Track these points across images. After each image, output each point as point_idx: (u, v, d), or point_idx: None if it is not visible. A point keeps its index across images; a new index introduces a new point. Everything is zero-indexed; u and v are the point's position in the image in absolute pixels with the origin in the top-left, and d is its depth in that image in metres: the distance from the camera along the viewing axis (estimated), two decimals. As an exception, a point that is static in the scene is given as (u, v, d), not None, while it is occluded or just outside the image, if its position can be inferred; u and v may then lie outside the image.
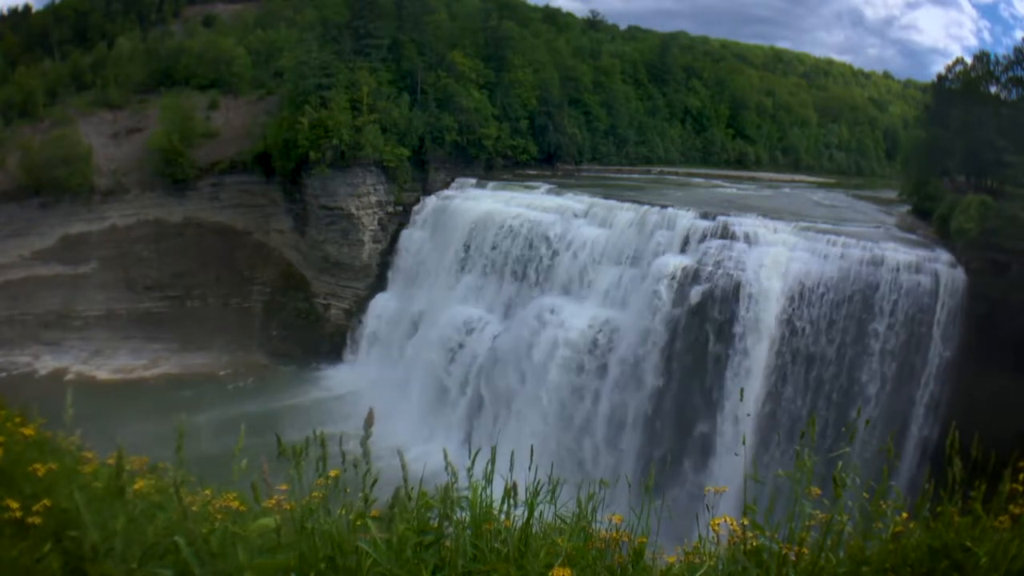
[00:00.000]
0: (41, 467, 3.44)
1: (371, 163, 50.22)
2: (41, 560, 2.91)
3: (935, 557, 3.00)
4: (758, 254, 32.31)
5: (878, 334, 29.30)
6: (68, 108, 54.83)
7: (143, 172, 52.75)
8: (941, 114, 44.10)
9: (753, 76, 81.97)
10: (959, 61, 44.72)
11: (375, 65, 53.51)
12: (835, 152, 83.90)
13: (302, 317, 51.94)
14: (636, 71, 69.24)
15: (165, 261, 52.69)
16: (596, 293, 37.59)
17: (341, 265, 51.16)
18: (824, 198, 51.65)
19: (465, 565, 3.14)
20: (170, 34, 64.58)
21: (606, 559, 3.40)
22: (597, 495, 3.70)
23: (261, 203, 54.12)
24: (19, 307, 49.26)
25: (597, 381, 35.27)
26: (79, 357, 48.97)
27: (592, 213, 40.63)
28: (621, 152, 64.16)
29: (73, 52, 61.06)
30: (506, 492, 3.45)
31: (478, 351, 40.53)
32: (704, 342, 32.25)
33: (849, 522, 3.34)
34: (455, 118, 53.31)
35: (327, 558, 3.04)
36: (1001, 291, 28.58)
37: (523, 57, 59.22)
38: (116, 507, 3.16)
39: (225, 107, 57.16)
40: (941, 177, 42.36)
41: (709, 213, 36.04)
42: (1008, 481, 3.38)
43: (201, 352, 50.00)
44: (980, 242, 30.25)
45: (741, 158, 73.73)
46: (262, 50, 60.62)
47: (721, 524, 3.49)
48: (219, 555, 2.88)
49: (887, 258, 30.09)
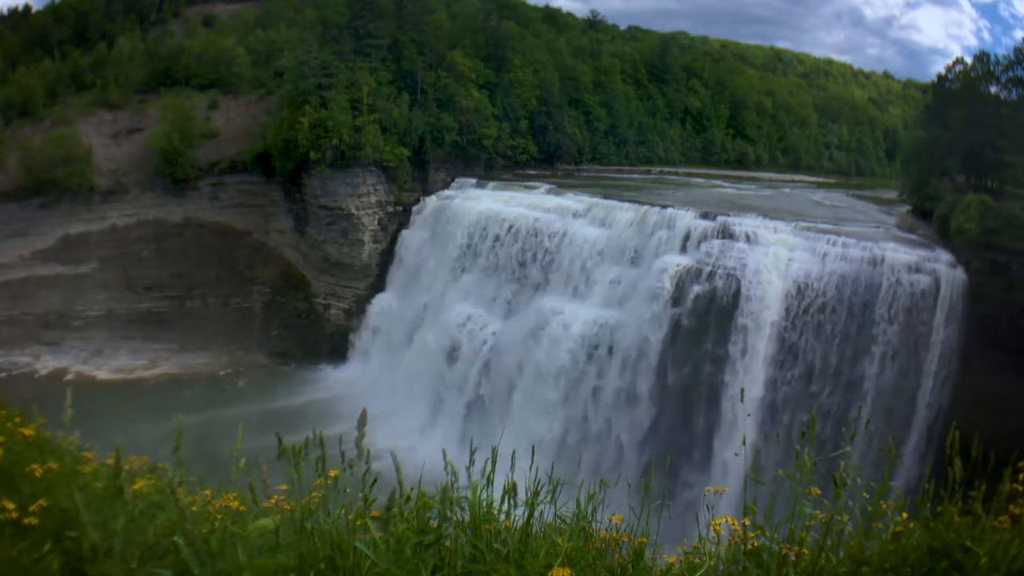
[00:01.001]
0: (39, 467, 3.44)
1: (371, 163, 50.23)
2: (40, 560, 2.91)
3: (935, 557, 3.00)
4: (758, 254, 32.32)
5: (878, 334, 29.30)
6: (68, 108, 54.79)
7: (143, 172, 52.73)
8: (941, 114, 44.12)
9: (753, 76, 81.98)
10: (959, 61, 44.77)
11: (375, 65, 53.51)
12: (835, 152, 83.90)
13: (302, 317, 51.95)
14: (636, 71, 69.25)
15: (165, 261, 52.69)
16: (596, 293, 37.59)
17: (341, 265, 51.16)
18: (824, 198, 51.66)
19: (464, 565, 3.14)
20: (170, 34, 64.52)
21: (606, 559, 3.40)
22: (597, 495, 3.70)
23: (261, 203, 54.11)
24: (19, 307, 49.24)
25: (597, 381, 35.29)
26: (79, 357, 48.97)
27: (592, 213, 40.63)
28: (621, 152, 64.16)
29: (73, 52, 61.01)
30: (506, 492, 3.45)
31: (478, 351, 40.53)
32: (704, 342, 32.27)
33: (849, 522, 3.33)
34: (455, 118, 53.31)
35: (327, 558, 3.04)
36: (1001, 291, 28.59)
37: (523, 57, 59.22)
38: (116, 507, 3.16)
39: (225, 107, 57.15)
40: (941, 177, 42.36)
41: (709, 213, 36.04)
42: (1008, 481, 3.38)
43: (201, 352, 50.00)
44: (980, 242, 30.26)
45: (741, 158, 73.74)
46: (262, 50, 60.58)
47: (721, 524, 3.49)
48: (218, 555, 2.88)
49: (887, 258, 30.09)
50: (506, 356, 39.11)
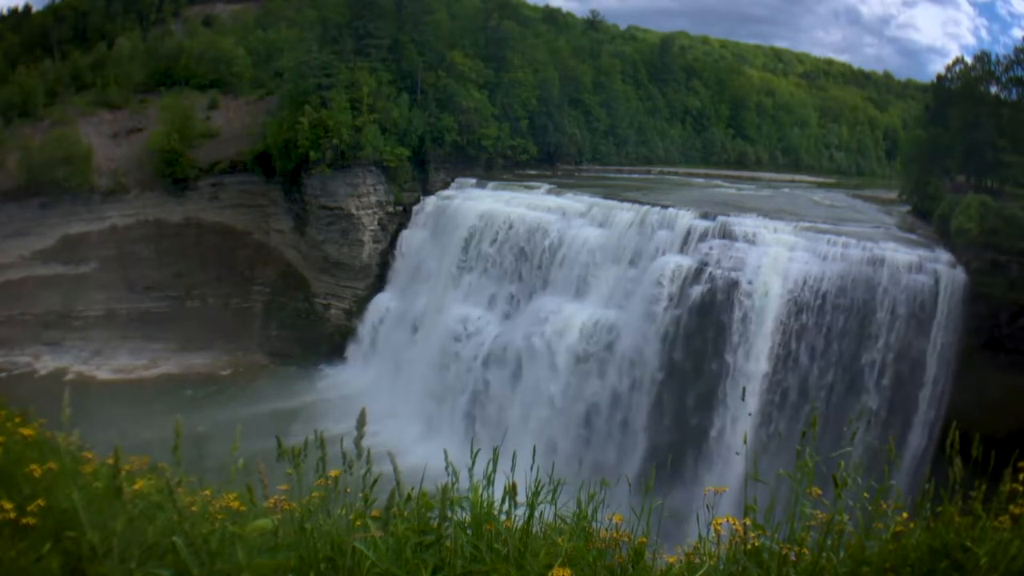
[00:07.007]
0: (38, 467, 3.44)
1: (371, 163, 50.23)
2: (40, 560, 2.91)
3: (935, 557, 3.00)
4: (758, 254, 32.31)
5: (878, 334, 29.29)
6: (68, 108, 54.79)
7: (143, 172, 52.73)
8: (941, 114, 44.13)
9: (753, 76, 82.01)
10: (959, 61, 44.81)
11: (375, 65, 53.51)
12: (835, 152, 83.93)
13: (302, 317, 51.94)
14: (636, 71, 69.23)
15: (165, 261, 52.69)
16: (596, 293, 37.58)
17: (341, 265, 51.16)
18: (824, 198, 51.61)
19: (465, 565, 3.13)
20: (170, 34, 64.57)
21: (606, 559, 3.40)
22: (597, 495, 3.70)
23: (261, 203, 54.11)
24: (19, 307, 49.24)
25: (597, 381, 35.29)
26: (79, 357, 48.96)
27: (592, 213, 40.60)
28: (621, 152, 64.16)
29: (73, 52, 61.05)
30: (506, 492, 3.45)
31: (478, 351, 40.53)
32: (704, 342, 32.26)
33: (850, 522, 3.33)
34: (455, 118, 53.30)
35: (327, 558, 3.04)
36: (1001, 291, 28.59)
37: (523, 57, 59.19)
38: (115, 507, 3.16)
39: (225, 107, 57.16)
40: (941, 177, 42.38)
41: (709, 213, 36.02)
42: (1008, 481, 3.38)
43: (201, 352, 50.00)
44: (980, 242, 30.26)
45: (741, 158, 73.73)
46: (262, 50, 60.62)
47: (722, 524, 3.49)
48: (218, 555, 2.88)
49: (887, 258, 30.07)
50: (506, 356, 39.12)
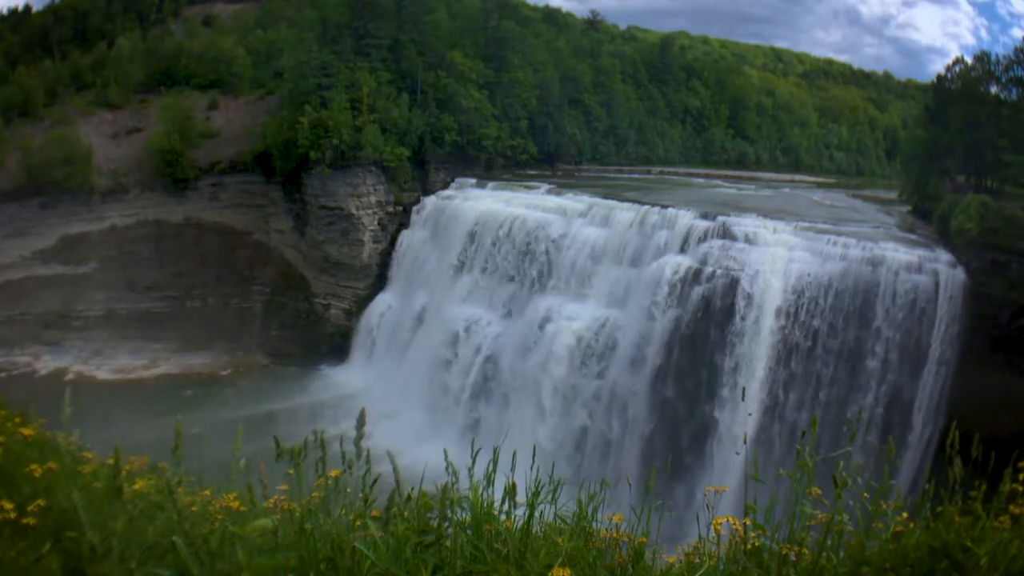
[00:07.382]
0: (38, 467, 3.44)
1: (371, 163, 50.25)
2: (40, 560, 2.91)
3: (935, 557, 3.00)
4: (758, 254, 32.31)
5: (878, 334, 29.29)
6: (68, 108, 54.81)
7: (143, 172, 52.74)
8: (941, 114, 44.12)
9: (753, 76, 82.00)
10: (959, 61, 44.79)
11: (375, 65, 53.51)
12: (835, 152, 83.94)
13: (302, 317, 51.95)
14: (636, 71, 69.24)
15: (165, 261, 52.70)
16: (596, 293, 37.59)
17: (341, 265, 51.17)
18: (824, 198, 51.62)
19: (465, 565, 3.13)
20: (170, 34, 64.58)
21: (606, 559, 3.40)
22: (598, 495, 3.70)
23: (261, 203, 54.12)
24: (19, 307, 49.24)
25: (597, 381, 35.28)
26: (79, 357, 48.96)
27: (592, 213, 40.61)
28: (621, 152, 64.17)
29: (73, 52, 61.07)
30: (506, 492, 3.45)
31: (479, 351, 40.54)
32: (704, 342, 32.26)
33: (850, 522, 3.33)
34: (455, 118, 53.31)
35: (327, 558, 3.04)
36: (1001, 291, 28.59)
37: (523, 57, 59.20)
38: (115, 507, 3.16)
39: (225, 107, 57.17)
40: (941, 177, 42.37)
41: (709, 213, 36.03)
42: (1008, 481, 3.38)
43: (201, 352, 50.00)
44: (980, 242, 30.25)
45: (741, 158, 73.75)
46: (262, 50, 60.62)
47: (722, 524, 3.49)
48: (218, 555, 2.88)
49: (887, 258, 30.07)
50: (506, 356, 39.12)
